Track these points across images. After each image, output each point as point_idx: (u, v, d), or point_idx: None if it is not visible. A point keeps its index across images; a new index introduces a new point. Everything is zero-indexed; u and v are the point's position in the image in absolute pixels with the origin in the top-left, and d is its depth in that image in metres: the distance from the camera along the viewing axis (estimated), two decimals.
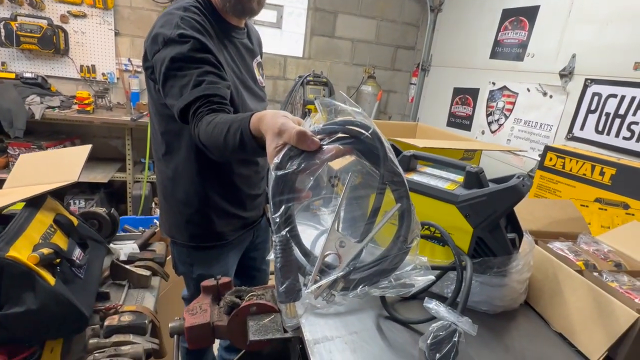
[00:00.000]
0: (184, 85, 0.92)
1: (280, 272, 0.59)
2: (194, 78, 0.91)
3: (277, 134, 0.58)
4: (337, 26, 3.62)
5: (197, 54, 0.94)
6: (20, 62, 2.95)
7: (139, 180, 3.06)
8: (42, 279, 0.76)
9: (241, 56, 1.14)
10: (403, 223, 0.64)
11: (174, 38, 0.94)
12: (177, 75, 0.93)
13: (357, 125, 0.59)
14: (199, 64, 0.93)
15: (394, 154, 0.62)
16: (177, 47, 0.94)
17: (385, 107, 4.00)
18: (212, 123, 0.82)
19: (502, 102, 2.49)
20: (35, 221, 0.88)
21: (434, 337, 0.64)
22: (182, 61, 0.93)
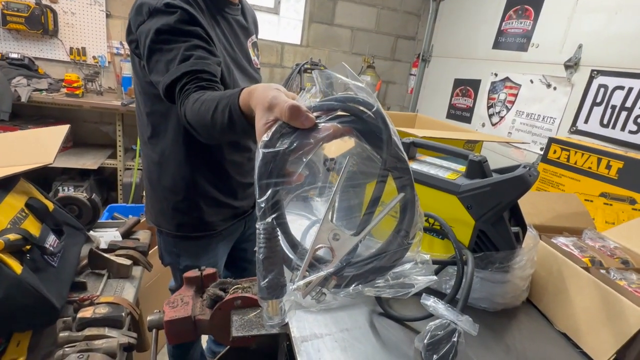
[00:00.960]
0: (170, 60, 0.84)
1: (262, 265, 0.53)
2: (181, 52, 0.83)
3: (267, 108, 0.52)
4: (336, 13, 3.53)
5: (185, 26, 0.87)
6: (6, 43, 2.84)
7: (129, 167, 2.99)
8: (6, 267, 0.70)
9: (234, 34, 1.07)
10: (405, 215, 0.58)
11: (159, 8, 0.87)
12: (162, 49, 0.86)
13: (359, 102, 0.52)
14: (187, 36, 0.86)
15: (398, 137, 0.55)
16: (163, 17, 0.86)
17: (384, 98, 3.93)
18: (199, 100, 0.75)
19: (504, 93, 2.43)
20: (4, 204, 0.81)
21: (432, 336, 0.58)
22: (168, 33, 0.85)
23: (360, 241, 0.57)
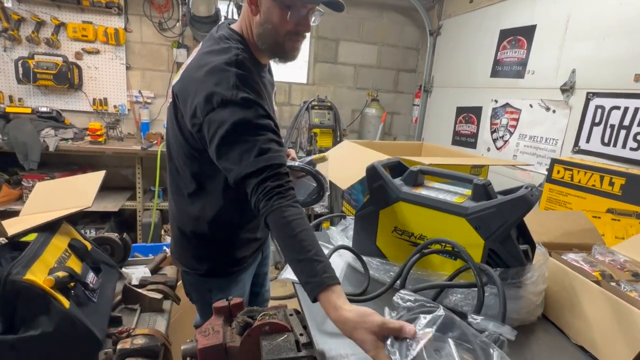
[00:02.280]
0: (246, 151, 0.89)
1: None
2: (258, 145, 0.88)
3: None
4: (339, 52, 3.74)
5: (261, 120, 0.92)
6: (36, 98, 3.07)
7: (148, 208, 3.09)
8: (57, 302, 0.77)
9: (268, 92, 1.13)
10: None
11: (235, 100, 0.90)
12: (238, 140, 0.90)
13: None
14: (262, 130, 0.91)
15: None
16: (239, 111, 0.90)
17: (390, 128, 4.05)
18: (291, 229, 0.82)
19: (506, 118, 2.51)
20: (50, 246, 0.89)
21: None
22: (245, 126, 0.90)
23: None
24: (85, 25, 3.04)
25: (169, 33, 3.26)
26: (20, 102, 3.03)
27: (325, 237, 1.21)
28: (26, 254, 0.81)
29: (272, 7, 0.97)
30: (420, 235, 0.96)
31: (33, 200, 1.12)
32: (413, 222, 0.97)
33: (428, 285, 0.84)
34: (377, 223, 1.03)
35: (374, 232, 1.03)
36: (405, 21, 3.79)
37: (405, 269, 0.86)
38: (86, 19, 3.05)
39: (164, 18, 3.22)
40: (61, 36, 3.04)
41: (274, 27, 0.99)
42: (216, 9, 3.17)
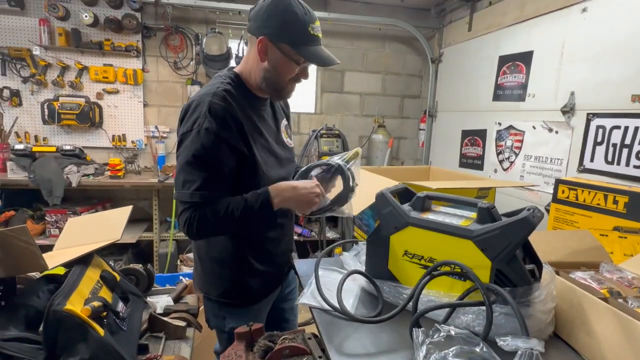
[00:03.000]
0: (189, 181, 1.01)
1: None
2: (199, 182, 1.01)
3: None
4: (345, 82, 3.89)
5: (213, 155, 1.02)
6: (60, 136, 3.25)
7: (164, 238, 3.17)
8: (93, 330, 0.83)
9: (266, 124, 1.22)
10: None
11: (200, 130, 1.01)
12: (187, 169, 1.02)
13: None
14: (208, 167, 1.02)
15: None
16: (198, 141, 1.01)
17: (397, 153, 4.13)
18: (221, 206, 1.03)
19: (510, 140, 2.57)
20: (85, 277, 0.97)
21: None
22: (197, 159, 1.01)
23: None
24: (106, 67, 3.25)
25: (183, 71, 3.46)
26: (45, 141, 3.20)
27: (339, 262, 1.26)
28: (65, 285, 0.88)
29: (280, 59, 1.06)
30: (430, 258, 1.01)
31: (66, 235, 1.20)
32: (422, 245, 1.02)
33: (438, 305, 0.88)
34: (388, 247, 1.08)
35: (385, 256, 1.08)
36: (407, 50, 3.94)
37: (417, 291, 0.90)
38: (107, 62, 3.26)
39: (179, 58, 3.43)
40: (84, 79, 3.25)
41: (280, 74, 1.10)
42: (227, 48, 3.36)
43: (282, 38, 1.04)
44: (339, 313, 0.95)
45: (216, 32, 3.34)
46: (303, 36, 1.04)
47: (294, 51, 1.05)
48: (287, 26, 1.03)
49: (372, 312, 0.97)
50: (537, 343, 0.71)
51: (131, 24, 3.16)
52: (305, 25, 1.03)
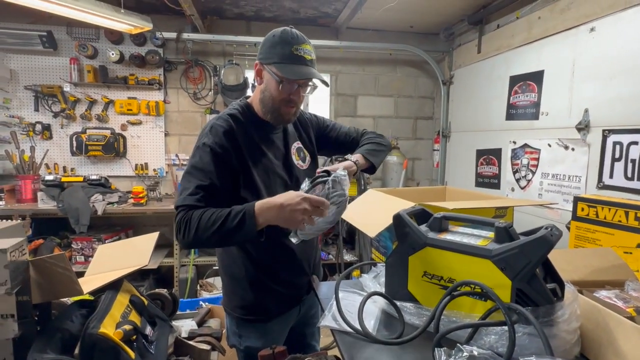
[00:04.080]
0: (186, 189, 1.11)
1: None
2: (193, 188, 1.10)
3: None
4: (358, 106, 3.97)
5: (208, 167, 1.11)
6: (86, 166, 3.41)
7: (185, 264, 3.23)
8: (125, 353, 0.86)
9: (274, 147, 1.28)
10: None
11: (199, 145, 1.15)
12: (185, 178, 1.14)
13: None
14: (205, 177, 1.11)
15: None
16: (197, 155, 1.14)
17: (412, 173, 4.14)
18: (205, 215, 1.06)
19: (526, 158, 2.56)
20: (116, 302, 1.01)
21: None
22: (195, 169, 1.12)
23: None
24: (130, 100, 3.42)
25: (202, 101, 3.61)
26: (73, 171, 3.36)
27: (358, 284, 1.27)
28: (99, 310, 0.92)
29: (269, 80, 1.17)
30: (449, 279, 1.02)
31: (96, 261, 1.26)
32: (441, 266, 1.03)
33: (460, 325, 0.88)
34: (407, 268, 1.09)
35: (404, 277, 1.10)
36: (418, 73, 4.02)
37: (437, 311, 0.91)
38: (131, 95, 3.45)
39: (198, 89, 3.59)
40: (110, 111, 3.43)
41: (271, 95, 1.19)
42: (244, 78, 3.51)
43: (270, 59, 1.16)
44: (361, 335, 0.96)
45: (233, 64, 3.50)
46: (286, 56, 1.14)
47: (277, 70, 1.14)
48: (274, 48, 1.15)
49: (394, 334, 0.98)
50: None
51: (154, 59, 3.35)
52: (289, 47, 1.14)
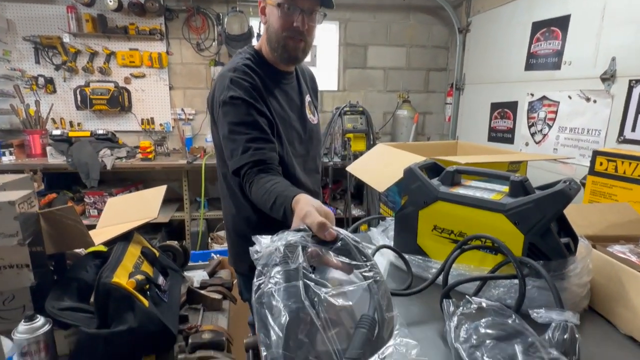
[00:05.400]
0: (235, 149, 1.07)
1: None
2: (242, 144, 1.06)
3: (301, 218, 0.70)
4: (368, 57, 3.79)
5: (247, 118, 1.07)
6: (92, 121, 3.38)
7: (195, 218, 3.29)
8: (138, 301, 0.88)
9: (290, 100, 1.25)
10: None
11: (226, 100, 1.09)
12: (229, 139, 1.09)
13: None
14: (248, 129, 1.07)
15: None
16: (230, 111, 1.08)
17: (423, 128, 4.04)
18: (263, 188, 0.99)
19: (544, 112, 2.46)
20: (128, 253, 1.03)
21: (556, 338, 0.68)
22: (235, 125, 1.08)
23: None
24: (132, 52, 3.31)
25: (206, 52, 3.47)
26: (80, 126, 3.34)
27: (367, 238, 1.27)
28: (111, 260, 0.94)
29: (271, 12, 1.12)
30: (460, 233, 1.00)
31: (107, 214, 1.27)
32: (452, 220, 1.01)
33: (470, 278, 0.88)
34: (417, 222, 1.08)
35: (414, 231, 1.09)
36: (433, 21, 3.78)
37: (447, 264, 0.90)
38: (132, 46, 3.32)
39: (201, 39, 3.44)
40: (112, 64, 3.33)
41: (275, 28, 1.13)
42: (249, 27, 3.34)
43: None
44: None
45: (237, 11, 3.31)
46: None
47: None
48: None
49: (402, 286, 0.98)
50: (572, 315, 0.70)
51: (154, 7, 3.18)
52: None
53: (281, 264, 0.52)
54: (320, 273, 0.56)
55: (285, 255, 0.54)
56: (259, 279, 0.53)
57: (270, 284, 0.50)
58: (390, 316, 0.54)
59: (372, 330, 0.50)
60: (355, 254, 0.57)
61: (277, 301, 0.48)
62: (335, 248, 0.57)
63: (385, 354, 0.49)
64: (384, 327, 0.52)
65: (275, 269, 0.52)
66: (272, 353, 0.45)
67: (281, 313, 0.47)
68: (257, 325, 0.49)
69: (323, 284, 0.51)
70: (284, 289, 0.49)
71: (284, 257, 0.53)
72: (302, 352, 0.47)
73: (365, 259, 0.56)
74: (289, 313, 0.47)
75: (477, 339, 0.71)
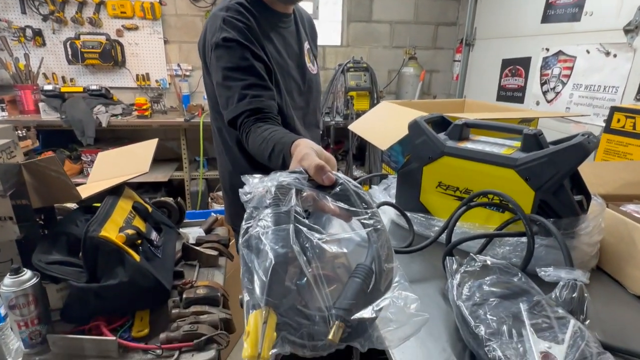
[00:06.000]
0: (230, 97, 0.99)
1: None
2: (238, 91, 0.97)
3: (298, 161, 0.61)
4: (374, 10, 3.57)
5: (242, 63, 0.98)
6: (85, 77, 3.25)
7: (195, 177, 3.26)
8: (129, 256, 0.85)
9: (287, 46, 1.15)
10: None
11: (219, 42, 0.99)
12: (224, 86, 1.00)
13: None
14: (244, 75, 0.98)
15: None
16: (224, 55, 0.99)
17: (429, 87, 3.89)
18: (260, 137, 0.90)
19: (558, 68, 2.32)
20: (118, 207, 0.98)
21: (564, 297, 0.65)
22: (229, 71, 0.98)
23: None
24: (123, 1, 3.11)
25: (201, 3, 3.27)
26: (73, 82, 3.22)
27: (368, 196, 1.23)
28: (99, 214, 0.90)
29: None
30: (466, 190, 0.95)
31: (97, 169, 1.22)
32: (458, 176, 0.95)
33: (475, 235, 0.84)
34: (420, 179, 1.02)
35: (417, 188, 1.03)
36: None
37: (452, 221, 0.86)
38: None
39: None
40: (102, 15, 3.15)
41: None
42: None
43: None
44: None
45: None
46: None
47: None
48: None
49: (403, 244, 0.95)
50: (581, 274, 0.66)
51: None
52: None
53: (271, 206, 0.47)
54: (315, 219, 0.51)
55: (276, 197, 0.48)
56: (247, 222, 0.48)
57: (259, 227, 0.45)
58: (389, 267, 0.48)
59: (367, 281, 0.46)
60: (355, 200, 0.51)
61: (264, 245, 0.43)
62: (334, 193, 0.52)
63: (381, 306, 0.45)
64: (381, 279, 0.47)
65: (265, 212, 0.47)
66: (255, 299, 0.41)
67: (267, 256, 0.42)
68: (242, 270, 0.45)
69: (316, 230, 0.47)
70: (272, 232, 0.44)
71: (274, 199, 0.48)
72: (287, 300, 0.43)
73: (366, 206, 0.50)
74: (275, 257, 0.41)
75: (480, 297, 0.67)
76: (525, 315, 0.64)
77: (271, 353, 0.40)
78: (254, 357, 0.39)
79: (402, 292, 0.48)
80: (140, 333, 0.84)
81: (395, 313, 0.47)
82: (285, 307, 0.43)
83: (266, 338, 0.39)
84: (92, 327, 0.83)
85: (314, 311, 0.43)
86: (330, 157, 0.59)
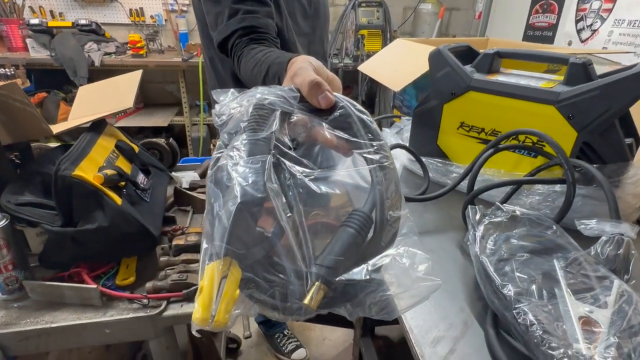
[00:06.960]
0: (219, 13, 0.84)
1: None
2: (229, 5, 0.83)
3: (290, 77, 0.46)
4: None
5: None
6: (75, 11, 3.01)
7: (196, 122, 3.13)
8: (109, 199, 0.76)
9: None
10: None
11: None
12: (213, 3, 0.86)
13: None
14: None
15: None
16: None
17: (447, 27, 3.56)
18: (253, 60, 0.76)
19: (599, 1, 2.05)
20: (97, 145, 0.88)
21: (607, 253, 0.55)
22: None
23: None
24: None
25: None
26: (62, 16, 2.99)
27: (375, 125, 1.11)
28: (72, 151, 0.80)
29: None
30: (493, 131, 0.82)
31: (78, 105, 1.11)
32: (485, 115, 0.82)
33: (505, 181, 0.72)
34: (439, 119, 0.89)
35: (435, 129, 0.91)
36: None
37: (476, 166, 0.74)
38: None
39: None
40: None
41: None
42: None
43: None
44: None
45: None
46: None
47: None
48: None
49: (416, 191, 0.84)
50: (629, 228, 0.55)
51: None
52: None
53: (247, 131, 0.35)
54: (306, 152, 0.40)
55: (253, 120, 0.36)
56: (219, 151, 0.36)
57: (229, 157, 0.34)
58: (395, 216, 0.37)
59: (363, 232, 0.35)
60: (359, 129, 0.38)
61: (231, 180, 0.32)
62: (332, 119, 0.39)
63: (378, 265, 0.35)
64: (383, 231, 0.36)
65: (239, 138, 0.35)
66: (214, 247, 0.31)
67: (233, 194, 0.31)
68: (205, 211, 0.35)
69: (304, 165, 0.35)
70: (243, 163, 0.33)
71: (251, 122, 0.36)
72: (257, 251, 0.33)
73: (372, 137, 0.38)
74: (242, 195, 0.31)
75: (507, 252, 0.58)
76: (561, 273, 0.54)
77: (234, 314, 0.31)
78: (206, 320, 0.30)
79: (409, 249, 0.37)
80: (125, 281, 0.77)
81: (398, 275, 0.36)
82: (253, 260, 0.33)
83: (224, 297, 0.30)
84: (72, 273, 0.77)
85: (289, 267, 0.33)
86: (334, 77, 0.46)
